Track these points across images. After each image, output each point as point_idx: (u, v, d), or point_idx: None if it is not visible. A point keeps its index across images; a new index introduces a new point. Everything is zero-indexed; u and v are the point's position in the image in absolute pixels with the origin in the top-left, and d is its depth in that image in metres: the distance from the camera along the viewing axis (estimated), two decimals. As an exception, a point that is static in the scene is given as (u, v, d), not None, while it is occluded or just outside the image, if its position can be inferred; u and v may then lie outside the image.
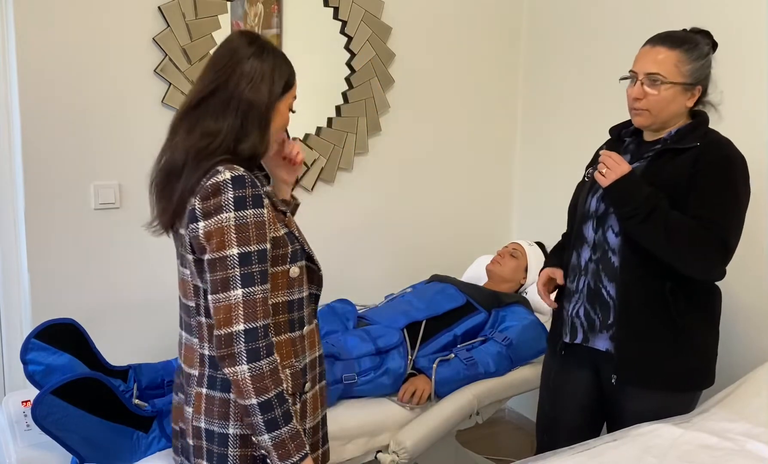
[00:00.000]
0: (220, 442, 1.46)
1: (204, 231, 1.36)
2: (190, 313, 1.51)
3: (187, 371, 1.53)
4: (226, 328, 1.35)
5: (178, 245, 1.50)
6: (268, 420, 1.38)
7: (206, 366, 1.48)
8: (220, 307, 1.36)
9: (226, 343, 1.36)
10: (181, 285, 1.53)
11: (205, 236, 1.36)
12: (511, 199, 3.54)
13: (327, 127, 2.96)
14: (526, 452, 2.15)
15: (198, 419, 1.49)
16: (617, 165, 1.82)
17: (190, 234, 1.39)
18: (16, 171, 2.44)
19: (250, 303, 1.35)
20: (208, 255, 1.36)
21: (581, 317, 1.98)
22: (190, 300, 1.49)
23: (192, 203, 1.37)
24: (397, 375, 2.33)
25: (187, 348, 1.54)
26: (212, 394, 1.47)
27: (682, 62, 1.82)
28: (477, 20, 3.30)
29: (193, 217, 1.37)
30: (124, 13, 2.47)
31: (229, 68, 1.41)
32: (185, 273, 1.49)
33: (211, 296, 1.37)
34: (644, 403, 1.92)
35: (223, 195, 1.34)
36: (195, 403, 1.49)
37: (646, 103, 1.85)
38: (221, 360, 1.37)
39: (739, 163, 1.83)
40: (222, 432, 1.45)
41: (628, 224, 1.82)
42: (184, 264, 1.48)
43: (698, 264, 1.80)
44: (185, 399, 1.54)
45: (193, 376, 1.51)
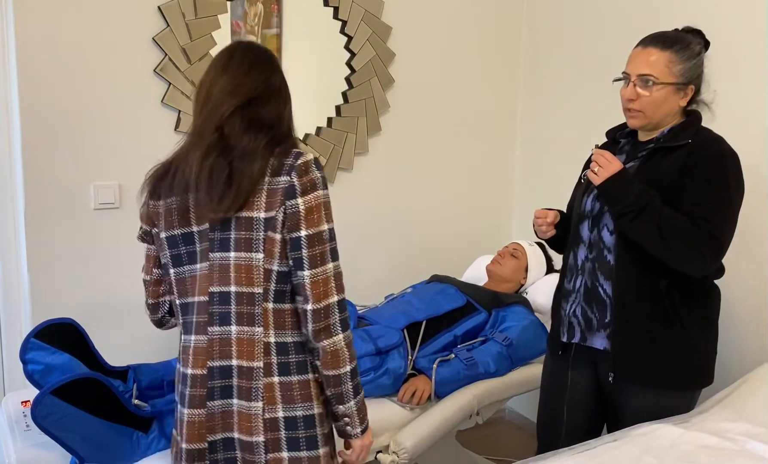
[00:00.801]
0: (306, 425, 1.48)
1: (304, 206, 1.43)
2: (254, 302, 1.46)
3: (246, 365, 1.47)
4: (324, 301, 1.45)
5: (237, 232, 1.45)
6: (355, 385, 1.51)
7: (272, 354, 1.47)
8: (318, 281, 1.44)
9: (324, 315, 1.45)
10: (239, 274, 1.46)
11: (306, 212, 1.43)
12: (511, 199, 3.54)
13: (327, 127, 2.96)
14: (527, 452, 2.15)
15: (273, 410, 1.46)
16: (609, 163, 1.84)
17: (286, 211, 1.42)
18: (16, 171, 2.44)
19: (338, 276, 1.49)
20: (306, 231, 1.43)
21: (578, 316, 1.99)
22: (257, 286, 1.45)
23: (287, 180, 1.42)
24: (397, 375, 2.33)
25: (247, 341, 1.47)
26: (288, 380, 1.47)
27: (673, 62, 1.83)
28: (477, 20, 3.30)
29: (292, 193, 1.43)
30: (124, 12, 2.47)
31: (270, 70, 1.52)
32: (254, 258, 1.45)
33: (309, 271, 1.44)
34: (642, 402, 1.92)
35: (312, 174, 1.45)
36: (266, 395, 1.46)
37: (639, 105, 1.86)
38: (317, 334, 1.45)
39: (730, 159, 1.83)
40: (308, 415, 1.49)
41: (621, 222, 1.84)
42: (253, 249, 1.44)
43: (690, 261, 1.80)
44: (246, 395, 1.47)
45: (257, 369, 1.47)
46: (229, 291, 1.47)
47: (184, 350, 1.55)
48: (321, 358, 1.47)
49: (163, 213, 1.53)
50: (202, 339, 1.49)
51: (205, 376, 1.48)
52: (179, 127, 2.61)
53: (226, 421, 1.49)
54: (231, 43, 1.59)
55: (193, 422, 1.49)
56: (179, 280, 1.53)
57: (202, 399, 1.49)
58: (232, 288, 1.46)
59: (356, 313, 2.62)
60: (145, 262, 1.65)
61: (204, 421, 1.49)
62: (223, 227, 1.46)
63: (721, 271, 1.95)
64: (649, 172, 1.87)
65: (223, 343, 1.48)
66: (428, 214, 3.30)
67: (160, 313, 1.68)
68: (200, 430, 1.49)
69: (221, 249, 1.47)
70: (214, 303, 1.48)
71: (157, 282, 1.64)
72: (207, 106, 1.48)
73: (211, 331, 1.48)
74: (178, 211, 1.50)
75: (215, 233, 1.47)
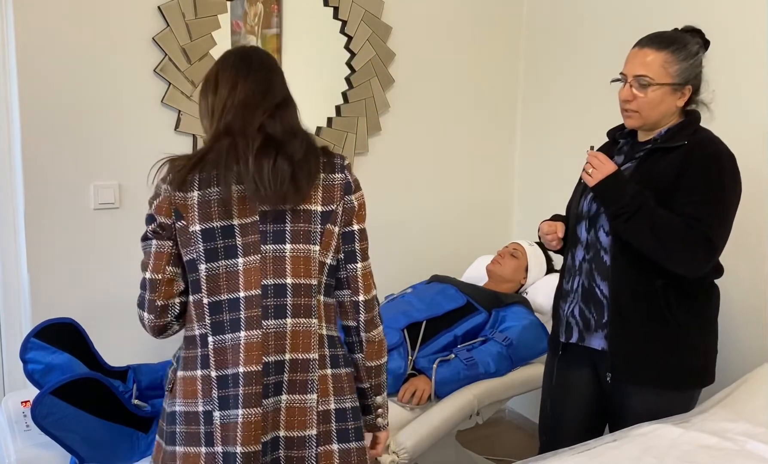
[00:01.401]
0: (354, 416, 1.52)
1: (357, 202, 1.52)
2: (311, 293, 1.47)
3: (304, 357, 1.46)
4: (372, 291, 1.55)
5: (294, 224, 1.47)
6: (385, 378, 1.61)
7: (326, 346, 1.49)
8: (367, 273, 1.54)
9: (372, 306, 1.55)
10: (296, 266, 1.46)
11: (359, 207, 1.53)
12: (511, 199, 3.54)
13: (327, 126, 2.96)
14: (527, 452, 2.15)
15: (326, 402, 1.47)
16: (603, 164, 1.85)
17: (344, 206, 1.50)
18: (16, 171, 2.44)
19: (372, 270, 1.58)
20: (359, 225, 1.53)
21: (576, 316, 2.00)
22: (313, 278, 1.47)
23: (344, 177, 1.51)
24: (397, 375, 2.33)
25: (304, 333, 1.46)
26: (339, 372, 1.50)
27: (669, 63, 1.83)
28: (477, 20, 3.30)
29: (349, 189, 1.51)
30: (124, 12, 2.47)
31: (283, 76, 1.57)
32: (311, 250, 1.47)
33: (361, 264, 1.53)
34: (641, 401, 1.92)
35: (354, 174, 1.55)
36: (320, 387, 1.47)
37: (635, 105, 1.86)
38: (368, 324, 1.55)
39: (726, 160, 1.83)
40: (354, 406, 1.53)
41: (615, 222, 1.84)
42: (311, 241, 1.47)
43: (684, 262, 1.81)
44: (301, 388, 1.45)
45: (313, 361, 1.46)
46: (286, 283, 1.45)
47: (219, 351, 1.44)
48: (367, 349, 1.56)
49: (197, 204, 1.45)
50: (255, 334, 1.43)
51: (260, 373, 1.42)
52: (179, 127, 2.61)
53: (275, 419, 1.45)
54: (240, 47, 1.60)
55: (249, 423, 1.41)
56: (212, 276, 1.45)
57: (258, 398, 1.42)
58: (289, 280, 1.45)
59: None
60: (154, 260, 1.51)
61: (260, 421, 1.42)
62: (276, 219, 1.46)
63: (720, 271, 1.95)
64: (646, 173, 1.87)
65: (278, 337, 1.44)
66: (428, 214, 3.30)
67: (169, 317, 1.53)
68: (256, 431, 1.41)
69: (275, 241, 1.45)
70: (269, 296, 1.44)
71: (170, 282, 1.51)
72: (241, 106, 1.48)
73: (266, 325, 1.44)
74: (220, 202, 1.45)
75: (267, 225, 1.46)
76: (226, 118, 1.48)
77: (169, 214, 1.47)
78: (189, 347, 1.49)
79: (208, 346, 1.45)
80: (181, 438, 1.45)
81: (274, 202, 1.44)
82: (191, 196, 1.46)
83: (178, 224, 1.47)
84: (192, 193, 1.46)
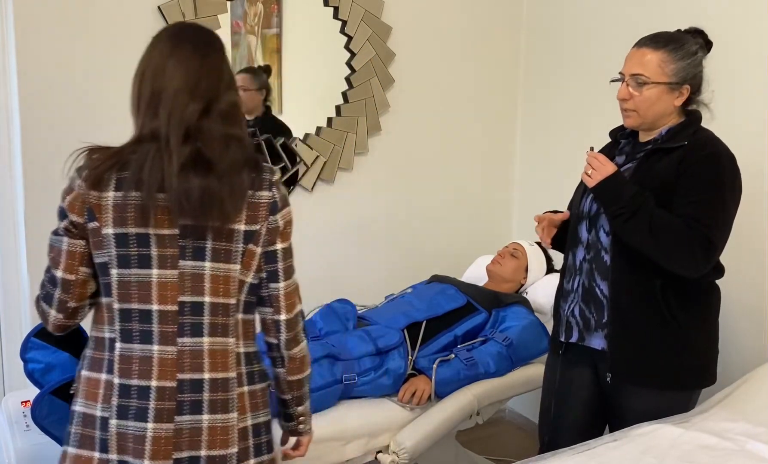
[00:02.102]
0: (266, 429, 1.53)
1: (283, 221, 1.47)
2: (229, 312, 1.44)
3: (224, 377, 1.43)
4: (294, 310, 1.51)
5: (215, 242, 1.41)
6: (308, 389, 1.59)
7: (242, 364, 1.48)
8: (291, 292, 1.50)
9: (294, 324, 1.51)
10: (215, 284, 1.42)
11: (284, 226, 1.48)
12: (511, 199, 3.54)
13: (327, 126, 2.96)
14: (527, 452, 2.15)
15: (244, 419, 1.47)
16: (602, 165, 1.85)
17: (268, 226, 1.45)
18: (16, 171, 2.44)
19: (298, 286, 1.54)
20: (283, 244, 1.48)
21: (576, 316, 2.00)
22: (232, 297, 1.44)
23: (271, 196, 1.45)
24: (398, 375, 2.33)
25: (222, 353, 1.44)
26: (254, 389, 1.50)
27: (666, 62, 1.83)
28: (477, 20, 3.30)
29: (275, 208, 1.46)
30: (124, 12, 2.47)
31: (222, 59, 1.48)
32: (230, 269, 1.42)
33: (284, 283, 1.48)
34: (641, 401, 1.92)
35: (283, 189, 1.49)
36: (239, 405, 1.46)
37: (632, 104, 1.87)
38: (289, 343, 1.51)
39: (726, 160, 1.84)
40: (267, 420, 1.53)
41: (615, 223, 1.85)
42: (231, 260, 1.42)
43: (683, 262, 1.81)
44: (222, 407, 1.43)
45: (232, 380, 1.45)
46: (204, 301, 1.41)
47: (124, 359, 1.39)
48: (289, 365, 1.53)
49: (111, 206, 1.38)
50: (169, 350, 1.40)
51: (174, 389, 1.40)
52: (179, 127, 2.61)
53: (193, 439, 1.41)
54: (175, 24, 1.52)
55: (159, 438, 1.38)
56: (122, 283, 1.39)
57: (171, 413, 1.39)
58: (207, 298, 1.41)
59: (356, 313, 2.62)
60: (66, 259, 1.42)
61: (171, 437, 1.39)
62: (197, 235, 1.40)
63: (721, 271, 1.95)
64: (647, 173, 1.87)
65: (195, 355, 1.41)
66: (428, 214, 3.30)
67: (78, 318, 1.48)
68: (167, 447, 1.39)
69: (194, 258, 1.40)
70: (186, 314, 1.40)
71: (83, 283, 1.43)
72: (162, 106, 1.38)
73: (181, 342, 1.40)
74: (138, 208, 1.37)
75: (187, 241, 1.40)
76: (151, 115, 1.40)
77: (82, 213, 1.41)
78: (97, 348, 1.44)
79: (114, 351, 1.41)
80: (75, 440, 1.43)
81: (198, 219, 1.38)
82: (106, 196, 1.39)
83: (90, 225, 1.40)
84: (107, 193, 1.39)
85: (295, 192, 2.93)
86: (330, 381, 2.22)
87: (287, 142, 2.86)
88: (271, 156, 2.81)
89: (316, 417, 2.16)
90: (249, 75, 2.82)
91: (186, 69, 1.39)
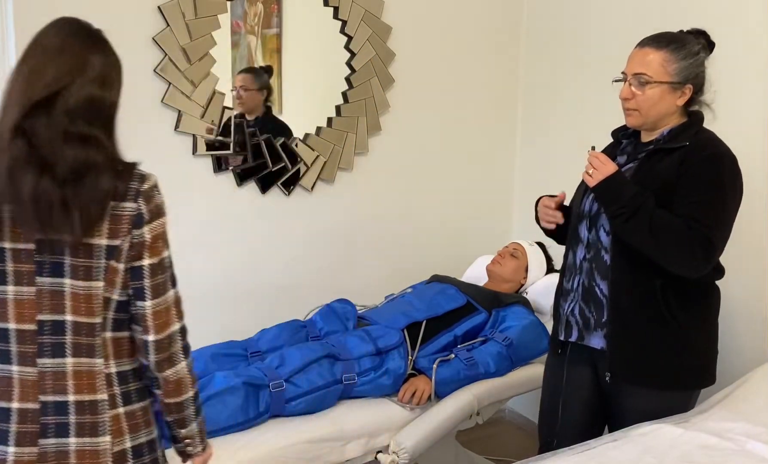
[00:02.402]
0: (150, 449, 1.43)
1: (150, 235, 1.34)
2: (94, 332, 1.34)
3: (91, 399, 1.35)
4: (167, 330, 1.37)
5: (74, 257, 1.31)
6: (197, 408, 1.46)
7: (115, 384, 1.37)
8: (161, 311, 1.36)
9: (167, 345, 1.37)
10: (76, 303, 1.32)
11: (152, 240, 1.35)
12: (511, 199, 3.54)
13: (327, 126, 2.96)
14: (527, 452, 2.15)
15: (121, 442, 1.37)
16: (603, 165, 1.85)
17: (132, 241, 1.33)
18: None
19: (178, 302, 1.40)
20: (150, 260, 1.35)
21: (576, 315, 2.00)
22: (96, 316, 1.34)
23: (135, 208, 1.33)
24: (397, 375, 2.33)
25: (88, 374, 1.35)
26: (132, 409, 1.40)
27: (668, 61, 1.83)
28: (477, 20, 3.29)
29: (140, 222, 1.33)
30: (124, 12, 2.47)
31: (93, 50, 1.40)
32: (93, 286, 1.32)
33: (151, 302, 1.35)
34: (640, 401, 1.92)
35: (157, 198, 1.36)
36: (113, 428, 1.36)
37: (634, 103, 1.87)
38: (159, 365, 1.37)
39: (727, 160, 1.84)
40: (150, 439, 1.43)
41: (615, 223, 1.85)
42: (93, 277, 1.32)
43: (683, 262, 1.81)
44: (90, 431, 1.35)
45: (102, 402, 1.36)
46: (65, 320, 1.32)
47: None
48: (164, 387, 1.40)
49: None
50: (30, 371, 1.32)
51: (37, 411, 1.32)
52: (179, 126, 2.61)
53: (60, 463, 1.34)
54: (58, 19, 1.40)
55: (21, 462, 1.32)
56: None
57: (34, 437, 1.32)
58: (68, 317, 1.32)
59: (356, 313, 2.62)
60: None
61: (35, 461, 1.33)
62: (54, 250, 1.30)
63: (721, 272, 1.95)
64: (648, 173, 1.87)
65: (57, 377, 1.33)
66: (428, 214, 3.30)
67: None
68: None
69: (52, 274, 1.31)
70: (45, 333, 1.32)
71: None
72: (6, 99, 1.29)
73: (42, 363, 1.33)
74: None
75: (44, 256, 1.30)
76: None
77: None
78: None
79: None
80: None
81: (41, 231, 1.27)
82: None
83: None
84: None
85: (295, 192, 2.93)
86: (330, 381, 2.22)
87: (287, 142, 2.86)
88: (271, 156, 2.81)
89: (316, 417, 2.19)
90: (250, 75, 2.83)
91: (37, 57, 1.30)
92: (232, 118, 2.71)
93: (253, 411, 2.09)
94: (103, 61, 1.36)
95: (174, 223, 2.93)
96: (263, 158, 2.80)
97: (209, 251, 2.77)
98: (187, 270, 2.76)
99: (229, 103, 2.72)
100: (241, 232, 2.83)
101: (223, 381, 2.10)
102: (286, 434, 2.09)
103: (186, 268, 2.73)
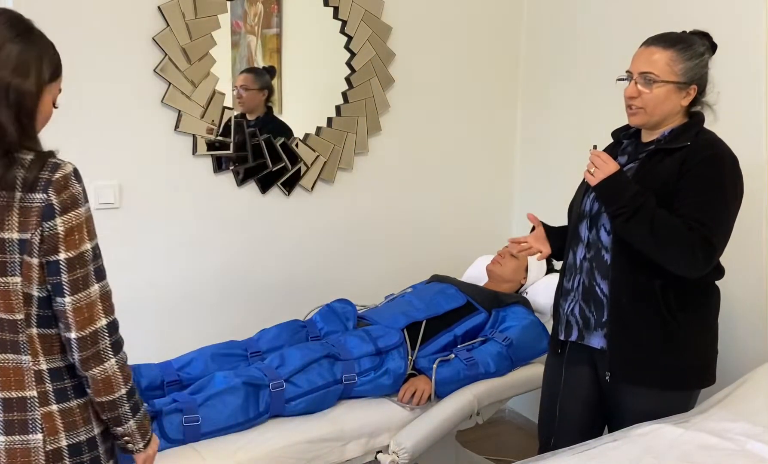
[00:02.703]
0: (90, 447, 1.40)
1: (64, 227, 1.29)
2: (17, 328, 1.32)
3: (19, 396, 1.33)
4: (90, 327, 1.33)
5: None
6: (133, 405, 1.42)
7: (47, 381, 1.34)
8: (81, 307, 1.32)
9: (91, 342, 1.33)
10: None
11: (66, 232, 1.29)
12: (511, 199, 3.54)
13: (327, 126, 2.96)
14: (527, 452, 2.15)
15: (56, 440, 1.34)
16: (605, 164, 1.85)
17: (43, 234, 1.28)
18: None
19: (106, 297, 1.36)
20: (66, 254, 1.29)
21: (576, 315, 2.00)
22: (18, 313, 1.31)
23: (44, 199, 1.27)
24: (397, 375, 2.33)
25: (15, 370, 1.33)
26: (68, 406, 1.37)
27: (675, 61, 1.84)
28: (477, 20, 3.29)
29: (50, 214, 1.28)
30: (124, 12, 2.47)
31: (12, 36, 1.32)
32: (11, 282, 1.30)
33: (70, 298, 1.30)
34: (640, 401, 1.93)
35: (72, 188, 1.31)
36: (46, 426, 1.34)
37: (640, 102, 1.87)
38: (85, 363, 1.33)
39: (728, 161, 1.84)
40: (90, 437, 1.40)
41: (615, 222, 1.85)
42: (8, 273, 1.29)
43: (683, 263, 1.81)
44: (20, 428, 1.32)
45: (31, 399, 1.33)
46: None
47: None
48: (92, 386, 1.36)
49: None
50: None
51: None
52: (179, 126, 2.61)
53: None
54: None
55: None
56: None
57: None
58: None
59: (356, 313, 2.62)
60: None
61: None
62: None
63: (721, 272, 1.95)
64: (649, 173, 1.88)
65: None
66: (428, 214, 3.30)
67: None
68: None
69: None
70: None
71: None
72: None
73: None
74: None
75: None
76: None
77: None
78: None
79: None
80: None
81: None
82: None
83: None
84: None
85: (295, 192, 2.93)
86: (330, 381, 2.22)
87: (287, 142, 2.86)
88: (271, 156, 2.81)
89: (316, 417, 2.19)
90: (251, 75, 2.83)
91: None
92: (232, 118, 2.72)
93: (253, 411, 2.09)
94: (20, 49, 1.30)
95: (174, 222, 2.95)
96: (263, 158, 2.81)
97: (209, 251, 2.77)
98: (187, 270, 2.79)
99: (230, 103, 2.73)
100: (241, 232, 2.83)
101: (223, 381, 2.10)
102: (286, 434, 2.09)
103: (186, 268, 2.77)
